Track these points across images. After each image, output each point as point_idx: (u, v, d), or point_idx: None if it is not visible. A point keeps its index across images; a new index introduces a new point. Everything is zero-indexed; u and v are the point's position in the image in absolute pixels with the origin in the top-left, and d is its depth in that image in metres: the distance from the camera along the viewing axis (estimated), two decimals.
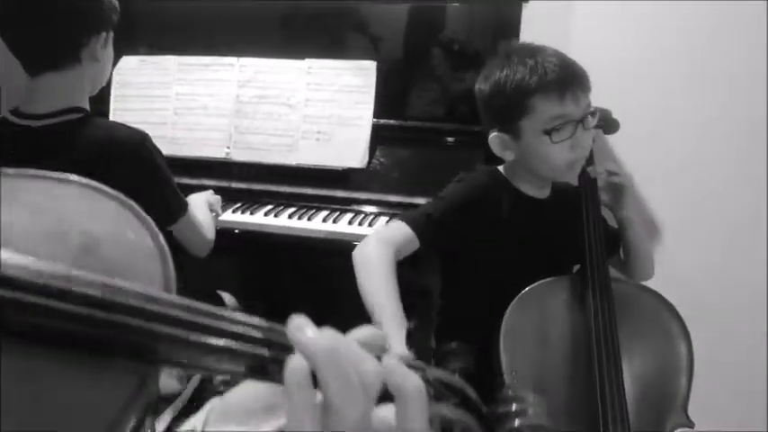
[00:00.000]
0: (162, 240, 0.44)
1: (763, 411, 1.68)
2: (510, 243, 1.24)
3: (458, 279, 1.33)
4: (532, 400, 0.48)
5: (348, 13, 1.80)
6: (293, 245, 1.60)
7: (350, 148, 1.68)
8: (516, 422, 0.47)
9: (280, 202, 1.69)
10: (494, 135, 1.23)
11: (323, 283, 1.86)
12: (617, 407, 1.03)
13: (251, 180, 1.73)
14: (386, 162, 1.69)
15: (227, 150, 1.75)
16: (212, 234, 1.43)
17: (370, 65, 1.69)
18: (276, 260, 1.81)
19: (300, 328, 0.38)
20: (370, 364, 0.38)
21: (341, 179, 1.68)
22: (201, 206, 1.48)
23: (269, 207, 1.67)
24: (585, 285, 1.16)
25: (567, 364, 1.11)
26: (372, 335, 0.42)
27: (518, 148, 1.22)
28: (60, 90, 1.22)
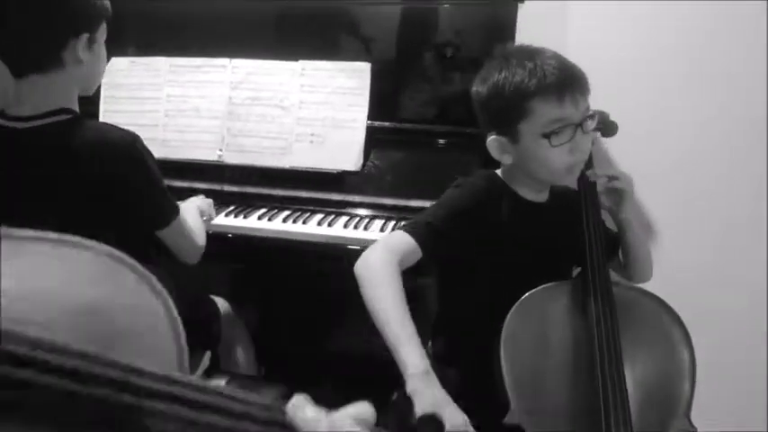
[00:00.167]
0: (175, 314, 0.45)
1: (763, 411, 1.68)
2: (509, 247, 1.23)
3: (456, 283, 1.31)
4: None
5: (341, 13, 1.78)
6: (288, 249, 1.58)
7: (344, 151, 1.65)
8: None
9: (273, 206, 1.67)
10: (492, 138, 1.21)
11: (318, 288, 1.84)
12: (620, 413, 1.02)
13: (244, 183, 1.71)
14: (381, 164, 1.67)
15: (219, 153, 1.72)
16: (203, 240, 1.41)
17: (365, 66, 1.67)
18: (270, 264, 1.79)
19: (300, 407, 0.40)
20: None
21: (335, 182, 1.66)
22: (192, 212, 1.45)
23: (263, 210, 1.65)
24: (587, 290, 1.15)
25: (569, 370, 1.10)
26: (365, 411, 0.44)
27: (516, 151, 1.20)
28: (46, 91, 1.20)
